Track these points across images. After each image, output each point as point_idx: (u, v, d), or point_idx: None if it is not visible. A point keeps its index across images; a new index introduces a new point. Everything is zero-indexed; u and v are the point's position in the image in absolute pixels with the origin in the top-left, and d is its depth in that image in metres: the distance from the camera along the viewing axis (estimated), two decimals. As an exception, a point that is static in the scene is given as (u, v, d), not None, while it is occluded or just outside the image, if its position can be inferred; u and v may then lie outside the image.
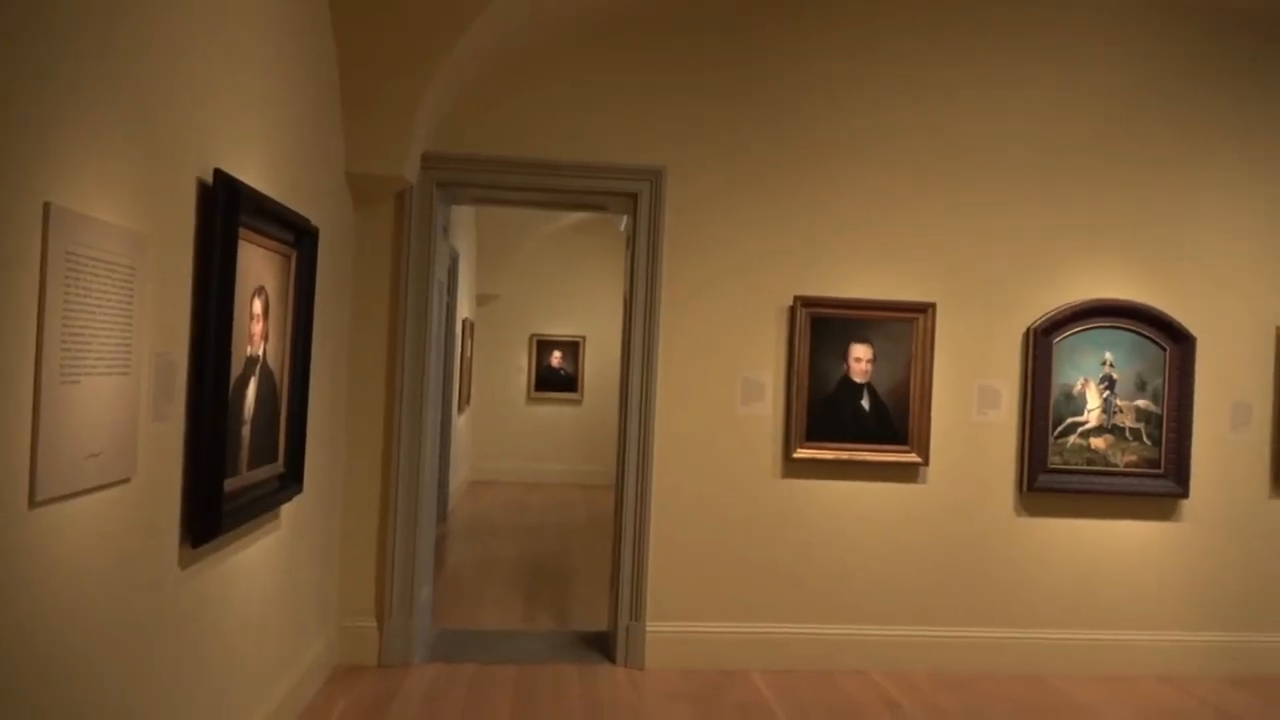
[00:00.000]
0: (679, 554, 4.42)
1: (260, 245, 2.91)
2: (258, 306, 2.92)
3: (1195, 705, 4.27)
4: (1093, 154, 4.62)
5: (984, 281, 4.57)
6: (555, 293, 10.93)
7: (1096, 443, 4.62)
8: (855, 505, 4.50)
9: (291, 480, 3.32)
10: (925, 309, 4.49)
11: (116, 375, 2.07)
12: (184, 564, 2.53)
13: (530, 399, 10.97)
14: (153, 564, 2.35)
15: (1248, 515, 4.73)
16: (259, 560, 3.17)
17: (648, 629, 4.38)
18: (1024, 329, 4.58)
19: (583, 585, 5.98)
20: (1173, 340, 4.64)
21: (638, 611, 4.39)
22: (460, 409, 8.90)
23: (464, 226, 8.18)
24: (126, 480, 2.17)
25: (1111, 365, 4.63)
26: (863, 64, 4.50)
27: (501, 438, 10.77)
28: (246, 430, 2.88)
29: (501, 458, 10.73)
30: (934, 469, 4.53)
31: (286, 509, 3.40)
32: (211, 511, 2.57)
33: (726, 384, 4.46)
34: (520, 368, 10.95)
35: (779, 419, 4.47)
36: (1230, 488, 4.73)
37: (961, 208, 4.56)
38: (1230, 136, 4.70)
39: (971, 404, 4.57)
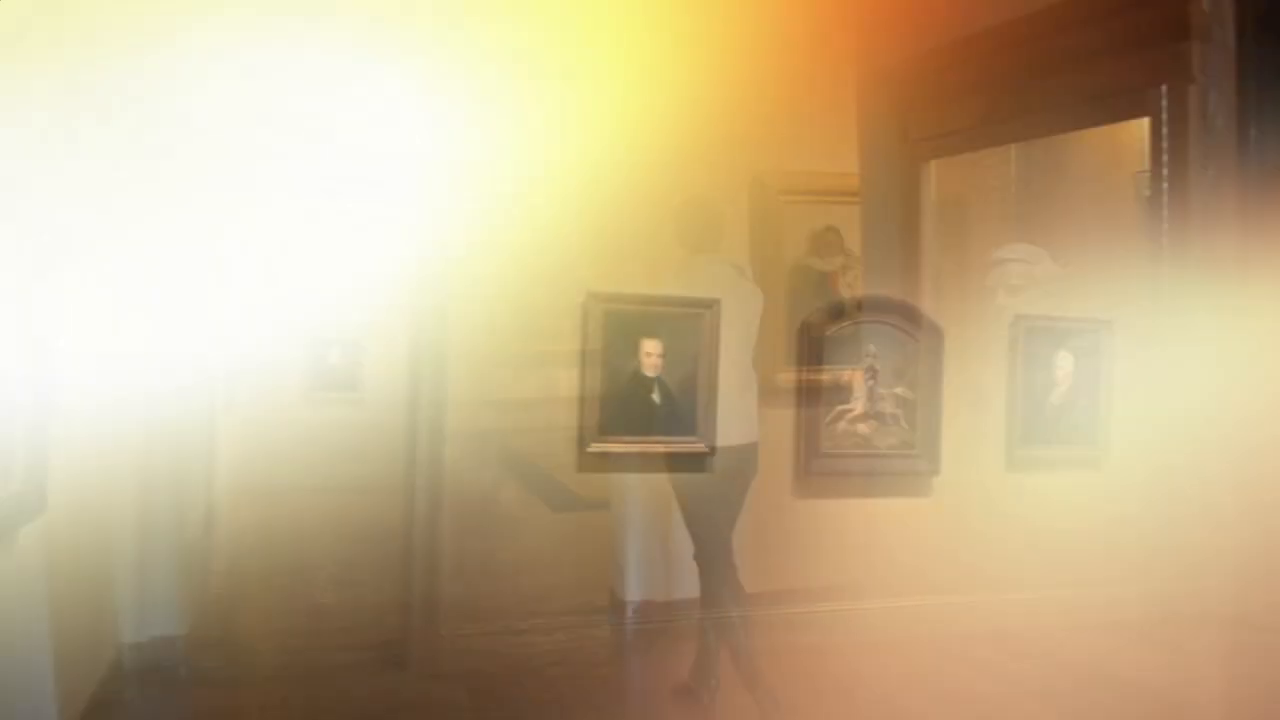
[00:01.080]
0: (473, 555, 4.34)
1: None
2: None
3: (945, 662, 4.74)
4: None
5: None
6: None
7: (862, 428, 4.99)
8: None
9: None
10: (710, 305, 4.65)
11: None
12: None
13: (305, 400, 10.33)
14: None
15: (989, 488, 5.29)
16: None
17: (441, 634, 4.27)
18: (799, 323, 4.87)
19: (368, 593, 5.71)
20: (925, 333, 5.10)
21: (430, 616, 4.27)
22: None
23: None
24: None
25: (875, 356, 5.01)
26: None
27: (271, 441, 10.07)
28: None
29: (271, 460, 10.03)
30: (720, 458, 4.72)
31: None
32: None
33: (523, 380, 4.42)
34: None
35: (574, 414, 4.48)
36: (974, 465, 5.26)
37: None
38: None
39: (757, 395, 4.81)
